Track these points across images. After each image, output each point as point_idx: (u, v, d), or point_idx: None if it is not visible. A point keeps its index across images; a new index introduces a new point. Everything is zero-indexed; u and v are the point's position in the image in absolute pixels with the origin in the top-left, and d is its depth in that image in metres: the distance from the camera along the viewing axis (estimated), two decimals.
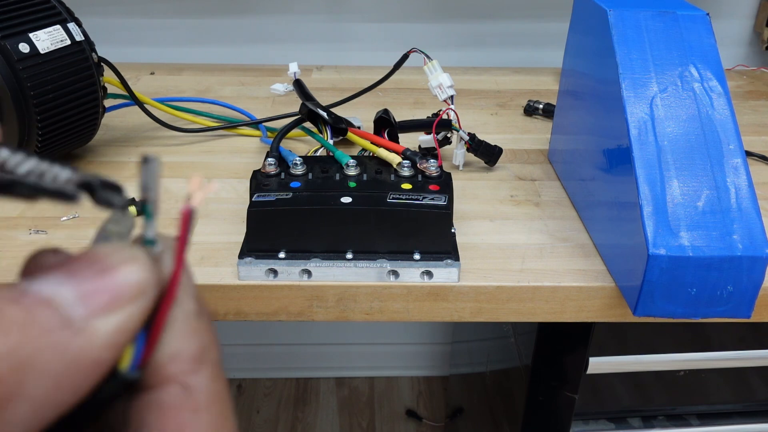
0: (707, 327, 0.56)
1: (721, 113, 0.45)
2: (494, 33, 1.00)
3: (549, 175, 0.63)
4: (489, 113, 0.79)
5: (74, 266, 0.16)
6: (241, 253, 0.47)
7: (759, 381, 0.61)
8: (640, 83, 0.46)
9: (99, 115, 0.59)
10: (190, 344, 0.18)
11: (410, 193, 0.47)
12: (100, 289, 0.16)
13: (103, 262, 0.17)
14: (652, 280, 0.41)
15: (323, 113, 0.58)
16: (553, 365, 0.58)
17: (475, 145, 0.62)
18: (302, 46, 0.99)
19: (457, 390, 1.17)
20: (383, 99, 0.82)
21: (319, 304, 0.47)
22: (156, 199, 0.18)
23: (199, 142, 0.69)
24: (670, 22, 0.48)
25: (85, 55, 0.56)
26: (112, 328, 0.16)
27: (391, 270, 0.46)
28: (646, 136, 0.44)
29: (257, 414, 1.33)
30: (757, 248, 0.41)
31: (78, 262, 0.17)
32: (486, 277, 0.47)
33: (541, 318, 0.49)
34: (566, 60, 0.61)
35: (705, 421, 0.63)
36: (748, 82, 0.92)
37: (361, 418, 1.33)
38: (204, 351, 0.18)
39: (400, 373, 1.42)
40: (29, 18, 0.54)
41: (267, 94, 0.83)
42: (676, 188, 0.42)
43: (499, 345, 0.76)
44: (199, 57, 0.98)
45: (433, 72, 0.60)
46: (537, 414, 0.61)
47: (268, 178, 0.49)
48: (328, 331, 1.36)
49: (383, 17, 0.98)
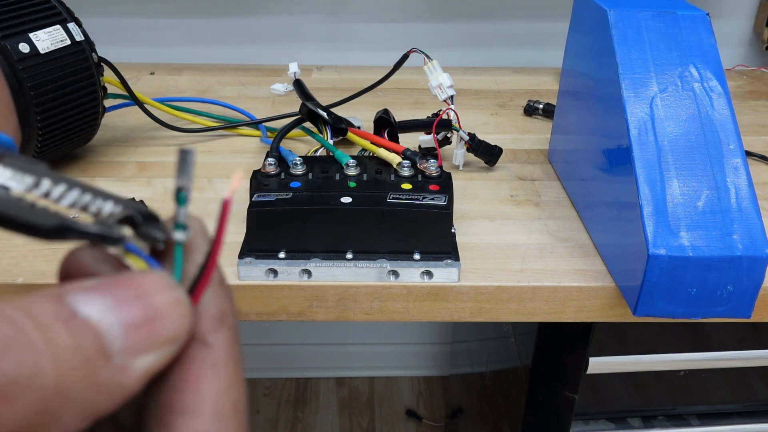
0: (707, 327, 0.56)
1: (721, 113, 0.45)
2: (494, 33, 1.00)
3: (549, 175, 0.63)
4: (489, 113, 0.79)
5: (121, 293, 0.16)
6: (241, 253, 0.47)
7: (759, 381, 0.61)
8: (640, 83, 0.46)
9: (99, 115, 0.59)
10: (212, 306, 0.19)
11: (410, 193, 0.47)
12: (144, 325, 0.16)
13: (151, 298, 0.17)
14: (652, 280, 0.41)
15: (323, 113, 0.58)
16: (553, 365, 0.58)
17: (475, 145, 0.62)
18: (302, 46, 0.99)
19: (457, 390, 1.17)
20: (383, 99, 0.82)
21: (319, 304, 0.47)
22: (189, 187, 0.19)
23: (199, 142, 0.69)
24: (670, 22, 0.48)
25: (85, 55, 0.56)
26: (148, 367, 0.16)
27: (391, 270, 0.46)
28: (646, 136, 0.44)
29: (257, 414, 1.33)
30: (757, 248, 0.41)
31: (124, 287, 0.17)
32: (486, 277, 0.47)
33: (541, 318, 0.49)
34: (566, 60, 0.61)
35: (705, 421, 0.63)
36: (748, 82, 0.92)
37: (361, 418, 1.33)
38: (224, 314, 0.19)
39: (400, 373, 1.42)
40: (29, 18, 0.54)
41: (267, 94, 0.83)
42: (676, 188, 0.42)
43: (499, 345, 0.76)
44: (199, 57, 0.98)
45: (433, 72, 0.60)
46: (537, 414, 0.61)
47: (268, 178, 0.49)
48: (328, 331, 1.36)
49: (383, 17, 0.98)
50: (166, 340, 0.17)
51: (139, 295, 0.17)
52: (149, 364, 0.16)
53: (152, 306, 0.17)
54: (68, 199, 0.17)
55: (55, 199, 0.17)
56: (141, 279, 0.17)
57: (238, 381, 0.19)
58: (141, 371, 0.16)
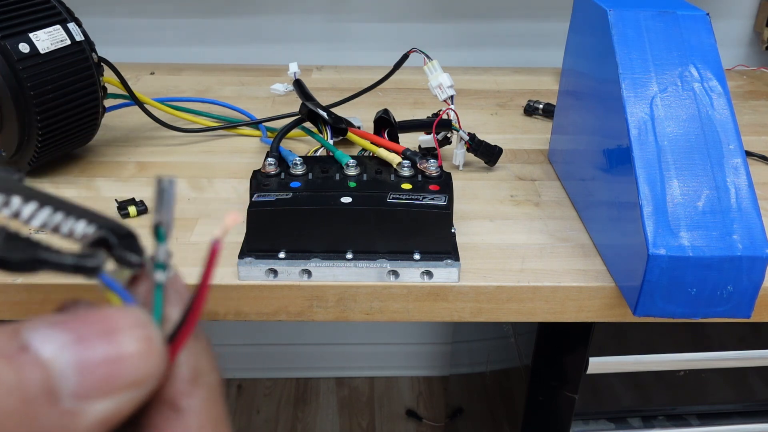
0: (707, 327, 0.56)
1: (721, 113, 0.45)
2: (494, 33, 1.00)
3: (549, 175, 0.63)
4: (489, 113, 0.79)
5: (84, 329, 0.15)
6: (241, 253, 0.47)
7: (759, 381, 0.61)
8: (640, 83, 0.46)
9: (99, 115, 0.59)
10: (184, 365, 0.17)
11: (410, 193, 0.47)
12: (103, 366, 0.14)
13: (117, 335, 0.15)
14: (652, 280, 0.41)
15: (323, 113, 0.58)
16: (553, 365, 0.58)
17: (475, 145, 0.62)
18: (302, 46, 0.99)
19: (457, 390, 1.17)
20: (383, 99, 0.82)
21: (319, 304, 0.47)
22: (170, 222, 0.17)
23: (199, 142, 0.69)
24: (670, 22, 0.48)
25: (85, 55, 0.56)
26: (103, 415, 0.14)
27: (391, 270, 0.46)
28: (646, 136, 0.44)
29: (257, 414, 1.33)
30: (757, 248, 0.41)
31: (89, 323, 0.15)
32: (486, 277, 0.47)
33: (541, 318, 0.49)
34: (566, 60, 0.61)
35: (705, 421, 0.63)
36: (748, 82, 0.92)
37: (361, 418, 1.33)
38: (198, 373, 0.17)
39: (400, 373, 1.42)
40: (29, 18, 0.54)
41: (267, 94, 0.83)
42: (676, 188, 0.42)
43: (499, 345, 0.76)
44: (199, 57, 0.98)
45: (433, 72, 0.60)
46: (537, 414, 0.61)
47: (268, 178, 0.49)
48: (328, 331, 1.36)
49: (383, 17, 0.98)
50: (129, 384, 0.15)
51: (104, 332, 0.15)
52: (106, 412, 0.14)
53: (116, 344, 0.15)
54: (39, 220, 0.16)
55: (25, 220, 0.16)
56: (111, 314, 0.15)
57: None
58: (94, 419, 0.14)
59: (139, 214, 0.53)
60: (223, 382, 0.19)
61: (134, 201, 0.54)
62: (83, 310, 0.15)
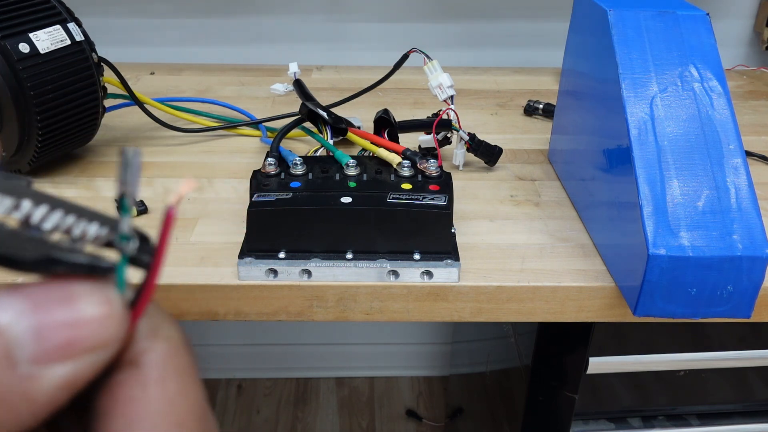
0: (707, 327, 0.56)
1: (721, 113, 0.45)
2: (494, 33, 1.00)
3: (549, 175, 0.63)
4: (489, 113, 0.79)
5: (43, 296, 0.15)
6: (241, 253, 0.47)
7: (759, 381, 0.61)
8: (640, 83, 0.46)
9: (99, 115, 0.59)
10: (142, 326, 0.17)
11: (410, 193, 0.47)
12: (61, 330, 0.15)
13: (75, 301, 0.15)
14: (652, 280, 0.41)
15: (323, 113, 0.58)
16: (553, 365, 0.58)
17: (475, 145, 0.62)
18: (302, 46, 0.99)
19: (457, 390, 1.17)
20: (383, 99, 0.82)
21: (319, 304, 0.47)
22: (134, 194, 0.17)
23: (199, 142, 0.69)
24: (670, 22, 0.48)
25: (85, 55, 0.56)
26: (63, 379, 0.15)
27: (391, 270, 0.46)
28: (646, 136, 0.44)
29: (257, 414, 1.33)
30: (757, 248, 0.41)
31: (49, 291, 0.15)
32: (486, 277, 0.47)
33: (541, 318, 0.49)
34: (566, 60, 0.61)
35: (705, 421, 0.63)
36: (748, 82, 0.92)
37: (361, 418, 1.33)
38: (156, 328, 0.17)
39: (400, 373, 1.42)
40: (29, 18, 0.54)
41: (267, 94, 0.83)
42: (676, 188, 0.42)
43: (499, 345, 0.76)
44: (199, 57, 0.98)
45: (433, 72, 0.60)
46: (537, 414, 0.61)
47: (268, 178, 0.49)
48: (328, 331, 1.36)
49: (383, 17, 0.98)
50: (89, 348, 0.15)
51: (63, 298, 0.15)
52: (66, 376, 0.14)
53: (75, 310, 0.15)
54: (50, 222, 0.16)
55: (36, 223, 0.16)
56: (70, 282, 0.15)
57: (184, 394, 0.17)
58: (54, 383, 0.14)
59: (139, 214, 0.53)
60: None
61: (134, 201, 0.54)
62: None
